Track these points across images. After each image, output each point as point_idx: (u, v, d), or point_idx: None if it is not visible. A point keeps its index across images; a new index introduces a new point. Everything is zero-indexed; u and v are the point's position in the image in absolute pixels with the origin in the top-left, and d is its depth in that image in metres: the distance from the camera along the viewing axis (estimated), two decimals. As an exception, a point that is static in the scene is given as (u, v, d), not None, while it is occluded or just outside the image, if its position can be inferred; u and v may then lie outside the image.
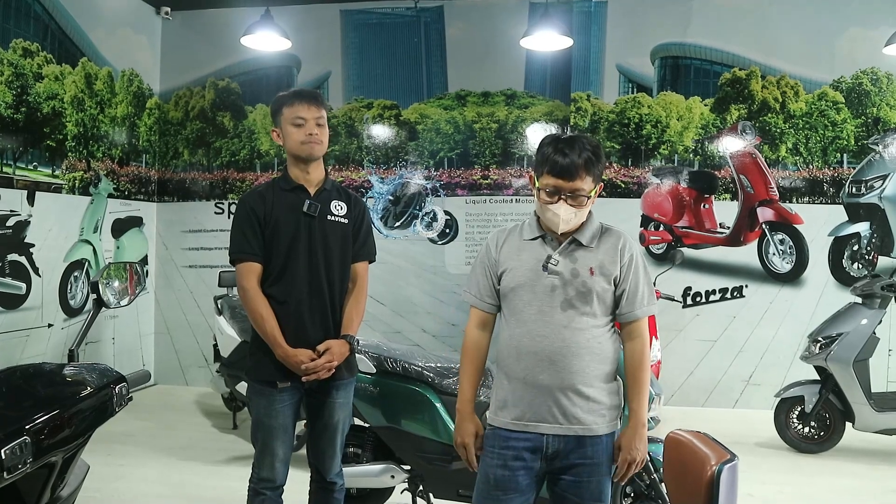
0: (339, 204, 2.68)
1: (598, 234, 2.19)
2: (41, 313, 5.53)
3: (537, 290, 2.13)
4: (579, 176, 2.08)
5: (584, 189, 2.09)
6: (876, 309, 4.90)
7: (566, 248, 2.15)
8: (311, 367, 2.52)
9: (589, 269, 2.13)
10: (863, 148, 6.10)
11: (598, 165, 2.12)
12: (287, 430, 2.63)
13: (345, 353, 2.61)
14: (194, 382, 6.80)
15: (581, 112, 6.38)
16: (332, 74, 6.83)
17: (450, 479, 3.31)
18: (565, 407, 2.10)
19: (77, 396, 1.99)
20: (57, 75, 5.70)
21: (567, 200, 2.09)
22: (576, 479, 2.12)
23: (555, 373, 2.10)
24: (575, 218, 2.13)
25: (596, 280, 2.12)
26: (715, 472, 1.66)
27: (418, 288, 6.64)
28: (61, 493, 1.98)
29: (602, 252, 2.16)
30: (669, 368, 5.75)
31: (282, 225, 2.59)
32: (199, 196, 7.02)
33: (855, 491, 4.22)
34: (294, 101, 2.59)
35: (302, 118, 2.57)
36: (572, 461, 2.12)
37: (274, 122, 2.67)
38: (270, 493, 2.63)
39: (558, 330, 2.11)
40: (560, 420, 2.11)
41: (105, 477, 4.16)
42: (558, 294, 2.12)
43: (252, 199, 2.63)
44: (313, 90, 2.73)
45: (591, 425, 2.12)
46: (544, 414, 2.11)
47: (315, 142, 2.58)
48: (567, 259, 2.14)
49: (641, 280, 2.18)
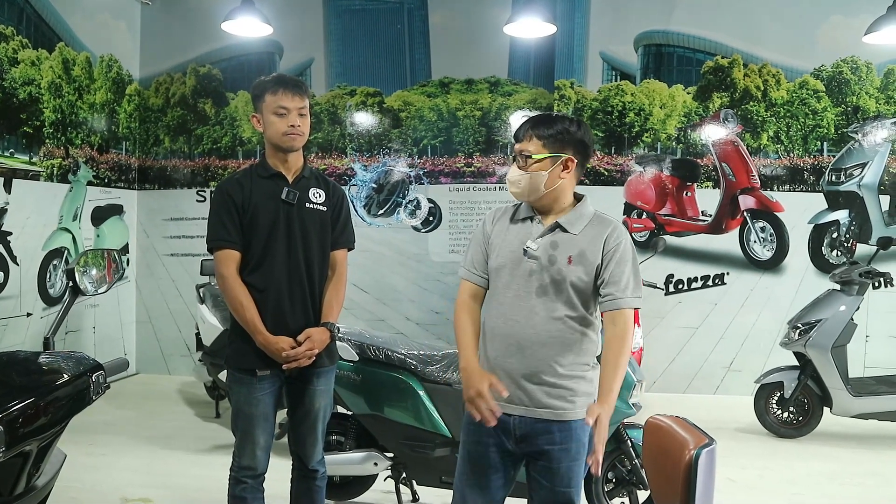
0: (317, 191, 2.65)
1: (587, 221, 2.12)
2: (19, 302, 5.47)
3: (516, 274, 2.11)
4: (526, 136, 2.09)
5: (528, 149, 2.08)
6: (854, 296, 4.96)
7: (548, 233, 2.11)
8: (291, 355, 2.51)
9: (567, 257, 2.08)
10: (842, 136, 6.15)
11: (550, 130, 2.07)
12: (268, 418, 2.62)
13: (325, 340, 2.60)
14: (176, 371, 6.76)
15: (565, 100, 6.38)
16: (314, 61, 6.77)
17: (433, 466, 3.32)
18: (530, 391, 2.09)
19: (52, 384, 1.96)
20: (33, 60, 5.60)
21: (517, 163, 2.11)
22: (546, 465, 2.11)
23: (521, 359, 2.09)
24: (523, 181, 2.09)
25: (572, 269, 2.07)
26: (693, 457, 1.67)
27: (402, 276, 6.63)
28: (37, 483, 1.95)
29: (586, 240, 2.09)
30: (651, 355, 5.79)
31: (260, 213, 2.56)
32: (181, 184, 6.95)
33: (833, 474, 4.29)
34: (278, 89, 2.52)
35: (285, 108, 2.52)
36: (541, 446, 2.10)
37: (255, 107, 2.61)
38: (251, 480, 2.62)
39: (530, 316, 2.08)
40: (526, 402, 2.10)
41: (86, 467, 4.13)
42: (535, 279, 2.09)
43: (230, 186, 2.59)
44: (297, 78, 2.65)
45: (558, 409, 2.09)
46: (510, 395, 2.09)
47: (297, 133, 2.55)
48: (548, 245, 2.10)
49: (627, 271, 2.07)
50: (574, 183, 2.17)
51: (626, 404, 3.18)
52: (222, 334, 4.83)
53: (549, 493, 2.12)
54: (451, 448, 3.27)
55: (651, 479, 2.04)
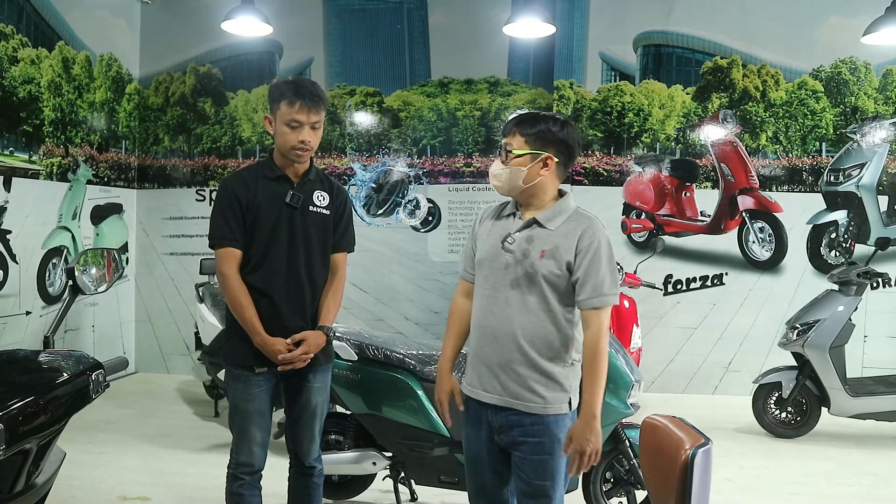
0: (321, 194, 2.67)
1: (565, 217, 2.16)
2: (19, 301, 5.47)
3: (495, 266, 2.19)
4: (510, 133, 2.17)
5: (511, 145, 2.16)
6: (852, 296, 4.97)
7: (525, 228, 2.17)
8: (287, 358, 2.53)
9: (541, 251, 2.12)
10: (841, 137, 6.16)
11: (533, 129, 2.13)
12: (264, 415, 2.63)
13: (321, 343, 2.61)
14: (175, 370, 6.77)
15: (564, 100, 6.39)
16: (314, 61, 6.77)
17: (431, 465, 3.33)
18: (504, 382, 2.17)
19: (52, 383, 1.97)
20: (33, 59, 5.60)
21: (500, 157, 2.18)
22: (523, 456, 2.18)
23: (497, 349, 2.16)
24: (503, 174, 2.17)
25: (544, 263, 2.11)
26: (689, 456, 1.68)
27: (401, 276, 6.64)
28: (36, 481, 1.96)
29: (560, 236, 2.13)
30: (650, 355, 5.80)
31: (263, 214, 2.57)
32: (180, 183, 6.95)
33: (830, 474, 4.30)
34: (296, 101, 2.49)
35: (298, 122, 2.51)
36: (516, 437, 2.17)
37: (270, 108, 2.60)
38: (248, 477, 2.64)
39: (504, 308, 2.15)
40: (500, 392, 2.18)
41: (86, 465, 4.14)
42: (510, 272, 2.15)
43: (235, 184, 2.59)
44: (315, 89, 2.57)
45: (529, 403, 2.15)
46: (486, 385, 2.20)
47: (306, 149, 2.55)
48: (523, 239, 2.16)
49: (602, 269, 2.09)
50: (556, 181, 2.21)
51: (624, 404, 3.18)
52: (221, 333, 4.83)
53: (526, 484, 2.19)
54: (449, 447, 3.28)
55: (647, 479, 2.04)
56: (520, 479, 2.20)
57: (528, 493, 2.18)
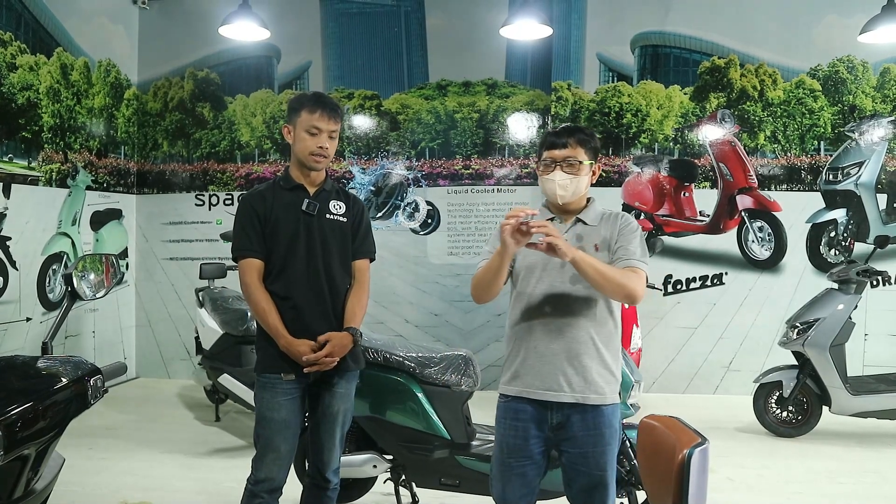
0: (337, 203, 2.71)
1: (601, 216, 2.35)
2: (19, 307, 5.48)
3: (549, 268, 2.28)
4: (570, 145, 2.29)
5: (576, 156, 2.28)
6: (852, 294, 4.96)
7: (572, 227, 2.32)
8: (312, 358, 2.53)
9: (594, 245, 2.28)
10: (839, 135, 6.16)
11: (590, 142, 2.33)
12: (289, 426, 2.60)
13: (347, 345, 2.61)
14: (176, 375, 6.77)
15: (562, 101, 6.39)
16: (312, 64, 6.79)
17: (432, 468, 3.33)
18: (570, 378, 2.23)
19: (50, 388, 1.97)
20: (31, 65, 5.62)
21: (562, 168, 2.27)
22: (581, 451, 2.24)
23: (564, 344, 2.24)
24: (571, 185, 2.28)
25: (600, 255, 2.26)
26: (685, 456, 1.68)
27: (400, 278, 6.64)
28: (35, 487, 1.95)
29: (605, 229, 2.31)
30: (650, 355, 5.81)
31: (281, 223, 2.62)
32: (180, 188, 6.96)
33: (832, 473, 4.29)
34: (316, 109, 2.59)
35: (317, 128, 2.60)
36: (576, 432, 2.24)
37: (289, 118, 2.67)
38: (267, 495, 2.59)
39: (568, 303, 2.26)
40: (565, 389, 2.23)
41: (87, 470, 4.14)
42: (568, 269, 2.23)
43: (253, 198, 2.68)
44: (335, 101, 2.71)
45: (592, 395, 2.23)
46: (551, 383, 2.24)
47: (323, 155, 2.63)
48: (573, 238, 2.29)
49: (636, 241, 2.27)
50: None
51: (624, 405, 3.18)
52: (222, 338, 4.85)
53: (587, 477, 2.25)
54: (449, 450, 3.28)
55: (645, 480, 2.04)
56: (579, 473, 2.26)
57: (587, 486, 2.26)
